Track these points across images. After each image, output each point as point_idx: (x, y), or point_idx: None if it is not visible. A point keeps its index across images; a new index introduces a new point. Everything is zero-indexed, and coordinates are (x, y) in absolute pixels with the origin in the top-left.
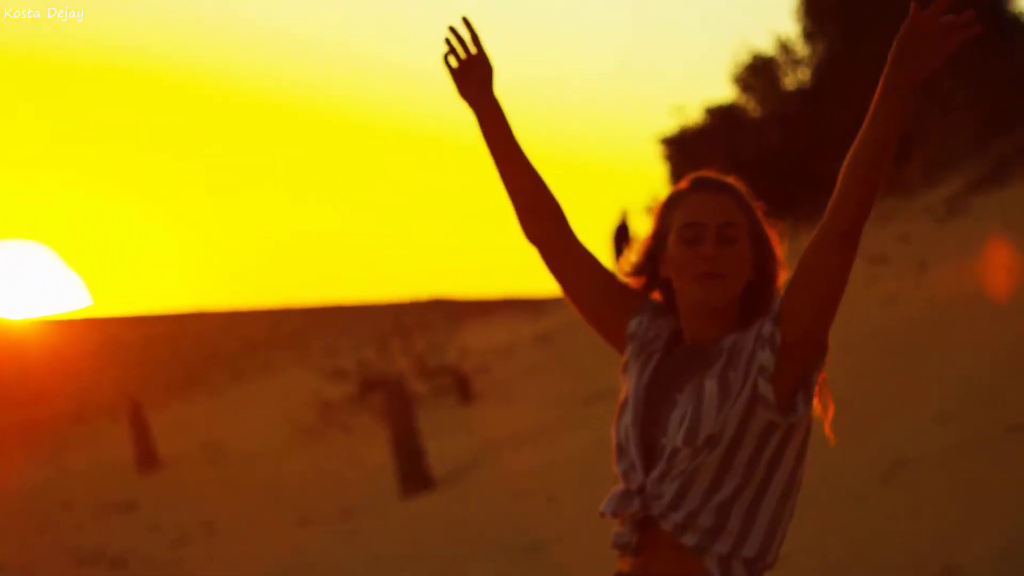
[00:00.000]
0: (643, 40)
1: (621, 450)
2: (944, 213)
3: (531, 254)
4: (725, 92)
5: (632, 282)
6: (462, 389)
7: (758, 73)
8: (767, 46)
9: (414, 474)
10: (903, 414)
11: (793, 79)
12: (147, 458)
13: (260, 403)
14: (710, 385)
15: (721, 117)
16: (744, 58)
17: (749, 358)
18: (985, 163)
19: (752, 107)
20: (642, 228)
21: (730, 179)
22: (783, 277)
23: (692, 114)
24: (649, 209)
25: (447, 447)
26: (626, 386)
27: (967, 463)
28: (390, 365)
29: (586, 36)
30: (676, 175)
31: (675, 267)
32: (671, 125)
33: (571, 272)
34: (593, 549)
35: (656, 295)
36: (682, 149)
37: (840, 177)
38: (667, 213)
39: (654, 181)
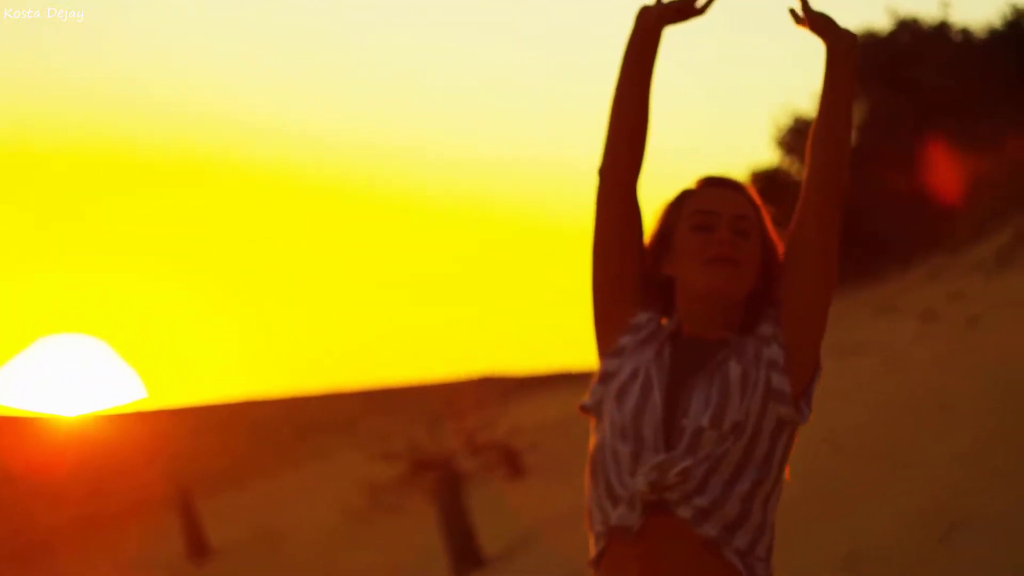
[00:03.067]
0: (683, 105)
1: (624, 432)
2: (994, 266)
3: (581, 325)
4: (767, 156)
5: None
6: (511, 464)
7: (801, 135)
8: (809, 108)
9: (465, 554)
10: (962, 471)
11: None
12: (198, 548)
13: (313, 489)
14: (735, 368)
15: (767, 181)
16: (786, 121)
17: (756, 355)
18: None
19: (796, 170)
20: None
21: (741, 181)
22: None
23: (737, 179)
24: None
25: (499, 525)
26: (610, 369)
27: None
28: (440, 444)
29: None
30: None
31: (683, 255)
32: None
33: (614, 224)
34: None
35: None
36: None
37: (809, 148)
38: (675, 210)
39: None
